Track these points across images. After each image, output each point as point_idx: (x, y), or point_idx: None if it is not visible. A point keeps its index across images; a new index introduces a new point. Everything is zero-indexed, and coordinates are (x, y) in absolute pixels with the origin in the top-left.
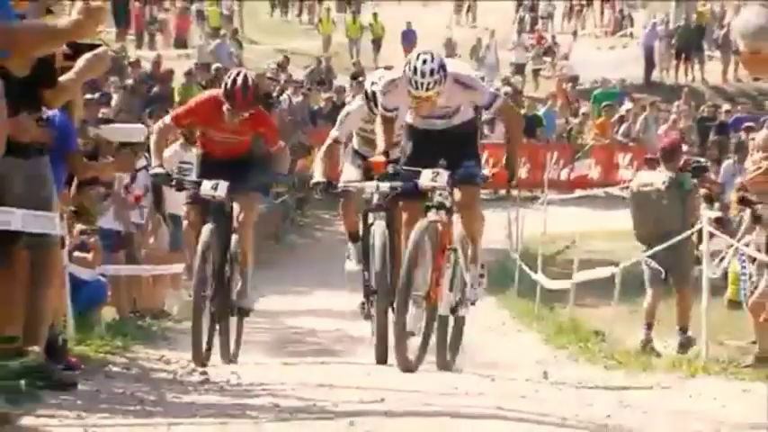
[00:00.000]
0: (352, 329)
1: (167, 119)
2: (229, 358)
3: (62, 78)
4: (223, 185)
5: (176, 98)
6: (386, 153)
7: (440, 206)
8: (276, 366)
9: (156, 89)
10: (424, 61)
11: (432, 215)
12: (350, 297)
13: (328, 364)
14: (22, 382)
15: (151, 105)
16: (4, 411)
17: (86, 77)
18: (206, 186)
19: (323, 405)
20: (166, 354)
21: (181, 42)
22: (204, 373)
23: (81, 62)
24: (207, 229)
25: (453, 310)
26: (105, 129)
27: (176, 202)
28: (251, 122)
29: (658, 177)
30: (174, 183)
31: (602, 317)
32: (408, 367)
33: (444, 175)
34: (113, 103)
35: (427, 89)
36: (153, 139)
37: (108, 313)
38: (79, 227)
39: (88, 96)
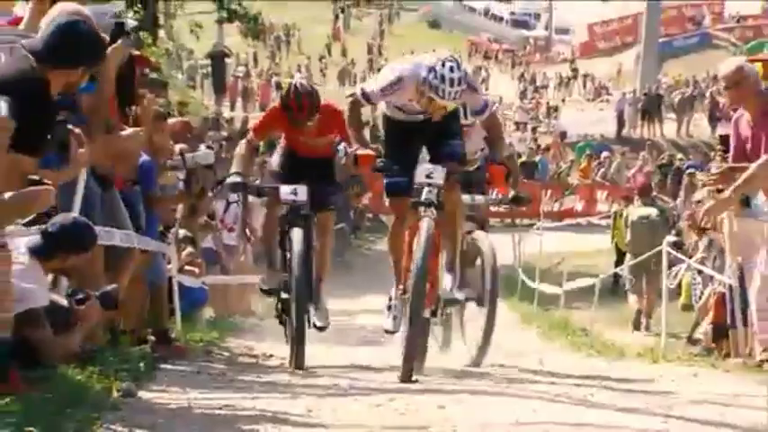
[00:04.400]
0: None
1: (249, 135)
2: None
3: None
4: (303, 190)
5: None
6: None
7: (430, 204)
8: (335, 354)
9: None
10: (452, 69)
11: (428, 214)
12: None
13: (375, 351)
14: (141, 364)
15: None
16: (129, 387)
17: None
18: (285, 191)
19: (370, 384)
20: (251, 344)
21: (263, 106)
22: (282, 359)
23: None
24: (298, 234)
25: (434, 313)
26: (178, 158)
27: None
28: (322, 126)
29: (650, 210)
30: (251, 190)
31: (585, 317)
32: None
33: (440, 171)
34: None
35: (453, 98)
36: (237, 152)
37: (207, 312)
38: (189, 249)
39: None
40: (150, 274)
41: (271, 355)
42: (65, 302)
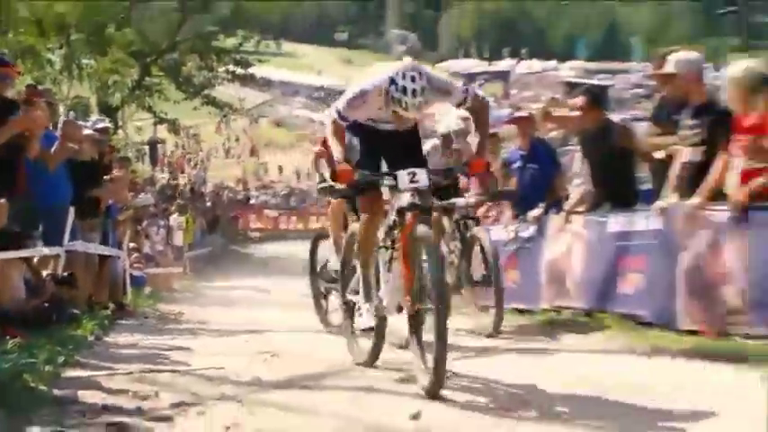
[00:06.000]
0: None
1: (317, 149)
2: None
3: None
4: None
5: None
6: (347, 161)
7: (413, 207)
8: (234, 314)
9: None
10: (413, 79)
11: (421, 219)
12: None
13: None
14: (106, 321)
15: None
16: (98, 334)
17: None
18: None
19: (253, 328)
20: (172, 307)
21: (181, 170)
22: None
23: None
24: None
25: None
26: (135, 200)
27: (178, 237)
28: None
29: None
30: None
31: None
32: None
33: (423, 174)
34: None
35: (417, 108)
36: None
37: (146, 290)
38: (135, 254)
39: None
40: (112, 268)
41: (182, 314)
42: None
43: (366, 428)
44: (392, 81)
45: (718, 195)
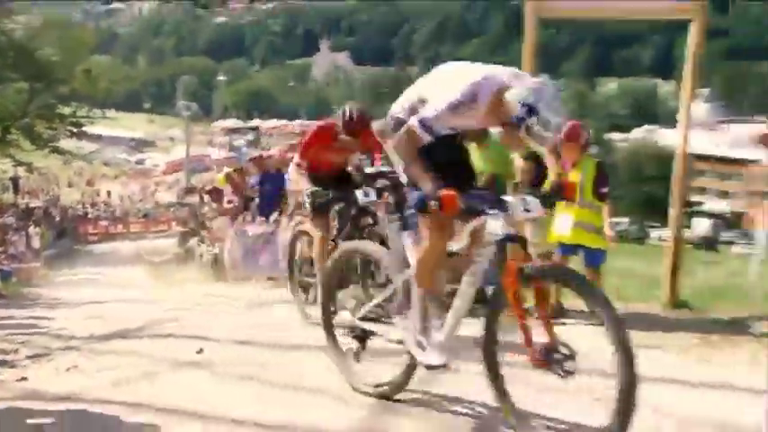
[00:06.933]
0: None
1: (297, 159)
2: None
3: None
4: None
5: None
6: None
7: (514, 239)
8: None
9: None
10: (557, 111)
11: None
12: None
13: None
14: None
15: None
16: None
17: None
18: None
19: (90, 299)
20: (36, 290)
21: (35, 197)
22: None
23: None
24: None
25: None
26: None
27: (36, 241)
28: (363, 141)
29: None
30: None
31: None
32: None
33: (536, 202)
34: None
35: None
36: (293, 178)
37: (13, 279)
38: (3, 255)
39: None
40: None
41: (41, 294)
42: None
43: (168, 362)
44: (530, 110)
45: None
